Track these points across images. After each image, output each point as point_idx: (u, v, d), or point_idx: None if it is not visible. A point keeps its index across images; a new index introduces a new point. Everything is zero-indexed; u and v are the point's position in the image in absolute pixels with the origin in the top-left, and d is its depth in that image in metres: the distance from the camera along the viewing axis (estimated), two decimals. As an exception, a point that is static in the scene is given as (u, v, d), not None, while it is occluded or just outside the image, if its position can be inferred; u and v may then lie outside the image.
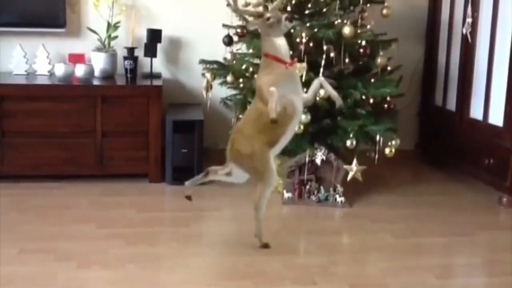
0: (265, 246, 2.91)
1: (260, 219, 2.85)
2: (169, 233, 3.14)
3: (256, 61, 3.53)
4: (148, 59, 4.10)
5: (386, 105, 3.53)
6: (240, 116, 3.26)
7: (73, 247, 2.86)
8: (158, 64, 4.23)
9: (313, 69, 3.42)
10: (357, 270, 2.77)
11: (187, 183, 2.93)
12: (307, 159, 3.48)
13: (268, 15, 2.76)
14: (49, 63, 4.06)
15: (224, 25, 3.67)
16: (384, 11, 3.59)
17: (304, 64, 2.85)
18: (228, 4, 2.95)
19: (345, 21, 3.46)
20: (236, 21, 3.61)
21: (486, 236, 3.21)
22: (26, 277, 2.55)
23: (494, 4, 3.66)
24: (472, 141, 3.88)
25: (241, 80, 3.59)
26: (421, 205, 3.65)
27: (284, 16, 2.79)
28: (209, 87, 3.72)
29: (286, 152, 3.57)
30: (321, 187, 3.56)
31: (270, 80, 2.75)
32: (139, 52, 4.09)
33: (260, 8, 3.59)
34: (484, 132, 3.76)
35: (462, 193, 3.90)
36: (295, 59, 2.85)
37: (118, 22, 4.05)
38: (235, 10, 2.94)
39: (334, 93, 2.97)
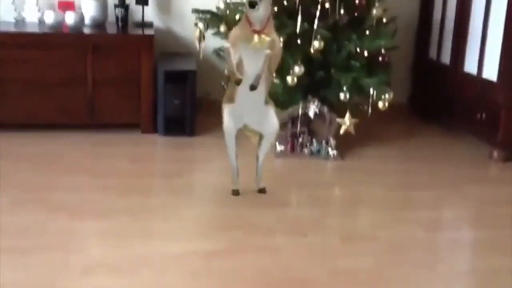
0: (261, 191, 2.98)
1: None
2: (162, 184, 3.14)
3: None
4: (140, 7, 4.02)
5: (380, 58, 3.50)
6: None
7: (65, 197, 2.87)
8: (150, 13, 4.15)
9: (307, 19, 3.37)
10: (348, 223, 2.80)
11: None
12: (300, 112, 3.47)
13: None
14: (38, 11, 3.98)
15: None
16: (381, -39, 3.52)
17: (268, 39, 2.67)
18: None
19: (341, -29, 3.39)
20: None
21: (476, 189, 3.25)
22: (18, 228, 2.56)
23: (492, -45, 3.60)
24: (465, 95, 3.87)
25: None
26: (412, 158, 3.67)
27: None
28: (201, 37, 3.66)
29: (279, 105, 3.56)
30: (314, 140, 3.56)
31: (236, 34, 2.74)
32: (131, 1, 4.01)
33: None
34: (477, 86, 3.75)
35: (454, 147, 3.92)
36: (266, 31, 2.70)
37: (109, -31, 3.96)
38: None
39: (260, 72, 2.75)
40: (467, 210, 3.02)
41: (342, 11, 3.47)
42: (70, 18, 3.77)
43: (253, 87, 2.70)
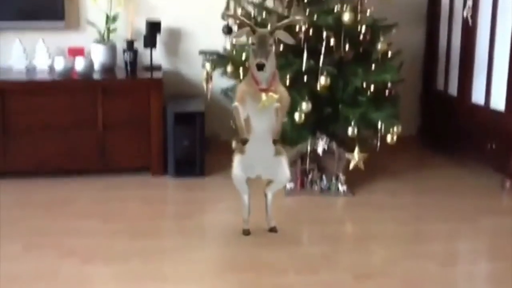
0: (272, 230, 2.98)
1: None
2: (173, 226, 3.15)
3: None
4: (148, 51, 4.08)
5: (387, 92, 3.51)
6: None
7: (76, 242, 2.87)
8: (158, 56, 4.21)
9: (313, 56, 3.40)
10: (360, 259, 2.78)
11: None
12: (308, 149, 3.48)
13: (271, 42, 2.71)
14: (48, 58, 4.05)
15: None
16: (384, -4, 3.56)
17: (276, 96, 2.71)
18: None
19: (344, 7, 3.43)
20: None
21: (489, 221, 3.21)
22: (30, 274, 2.57)
23: (494, -14, 3.63)
24: (474, 126, 3.86)
25: (241, 70, 3.57)
26: (423, 191, 3.64)
27: (262, 57, 2.67)
28: (209, 78, 3.70)
29: (288, 142, 3.57)
30: (324, 176, 3.55)
31: (243, 91, 2.77)
32: (139, 44, 4.07)
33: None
34: (486, 116, 3.74)
35: (465, 178, 3.89)
36: (272, 89, 2.73)
37: (117, 14, 4.03)
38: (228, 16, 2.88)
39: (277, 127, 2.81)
40: (481, 242, 2.98)
41: (347, 47, 3.49)
42: (79, 64, 3.83)
43: (274, 142, 2.79)
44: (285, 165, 2.89)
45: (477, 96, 3.83)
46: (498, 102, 3.62)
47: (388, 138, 3.45)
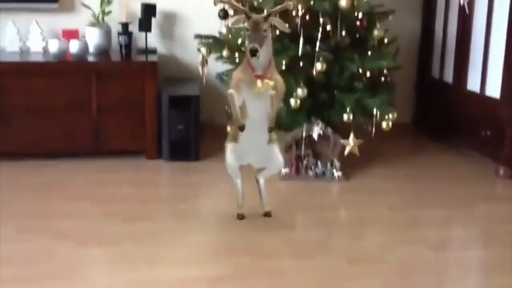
0: (267, 214, 2.98)
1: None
2: (167, 209, 3.14)
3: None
4: (143, 34, 4.06)
5: (383, 78, 3.50)
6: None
7: (70, 225, 2.86)
8: (153, 39, 4.19)
9: (309, 42, 3.39)
10: (354, 244, 2.78)
11: None
12: (304, 134, 3.47)
13: (264, 27, 2.66)
14: (42, 40, 4.02)
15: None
16: (381, -18, 3.55)
17: (271, 83, 2.68)
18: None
19: (341, -8, 3.41)
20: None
21: (483, 207, 3.22)
22: (23, 256, 2.55)
23: (492, -26, 3.62)
24: (469, 113, 3.87)
25: (237, 54, 3.55)
26: (418, 177, 3.65)
27: (255, 42, 2.63)
28: (204, 62, 3.69)
29: (283, 127, 3.56)
30: (318, 162, 3.55)
31: (238, 78, 2.75)
32: (134, 27, 4.05)
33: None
34: (481, 104, 3.75)
35: (459, 165, 3.90)
36: (268, 76, 2.70)
37: (112, -3, 4.00)
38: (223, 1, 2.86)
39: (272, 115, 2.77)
40: (475, 228, 2.99)
41: (343, 33, 3.48)
42: (74, 46, 3.81)
43: (270, 129, 2.77)
44: (277, 153, 2.87)
45: (473, 84, 3.84)
46: (494, 90, 3.63)
47: (383, 124, 3.45)
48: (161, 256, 2.61)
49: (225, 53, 3.58)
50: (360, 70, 3.46)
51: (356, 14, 3.44)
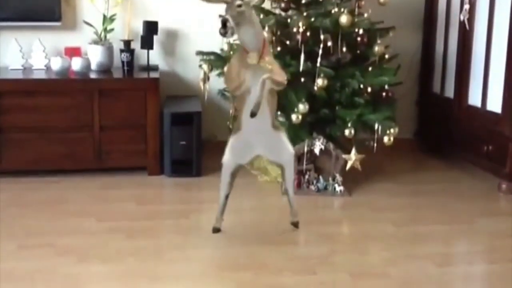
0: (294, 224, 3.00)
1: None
2: (169, 225, 3.13)
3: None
4: (145, 51, 4.08)
5: (384, 94, 3.52)
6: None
7: (72, 241, 2.86)
8: (155, 56, 4.21)
9: (311, 58, 3.41)
10: (357, 259, 2.77)
11: None
12: (305, 149, 3.48)
13: (238, 2, 2.62)
14: (45, 57, 4.04)
15: (221, 16, 3.64)
16: (381, -1, 3.58)
17: (270, 67, 2.66)
18: None
19: (342, 9, 3.44)
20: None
21: (486, 223, 3.21)
22: (26, 273, 2.55)
23: (491, -10, 3.65)
24: (471, 128, 3.87)
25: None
26: (420, 193, 3.64)
27: (227, 15, 2.61)
28: (206, 78, 3.70)
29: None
30: (320, 177, 3.56)
31: (235, 65, 2.75)
32: (136, 45, 4.07)
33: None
34: (482, 119, 3.76)
35: (462, 180, 3.90)
36: (266, 58, 2.68)
37: (114, 15, 4.03)
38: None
39: (258, 98, 2.69)
40: (478, 244, 2.98)
41: (344, 49, 3.51)
42: (76, 64, 3.83)
43: (253, 114, 2.67)
44: (285, 141, 2.85)
45: (474, 99, 3.85)
46: (495, 105, 3.64)
47: (385, 140, 3.46)
48: (163, 272, 2.60)
49: (226, 69, 3.60)
50: (361, 86, 3.47)
51: (356, 30, 3.46)
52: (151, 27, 4.04)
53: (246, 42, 2.69)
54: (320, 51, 3.41)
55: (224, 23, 2.58)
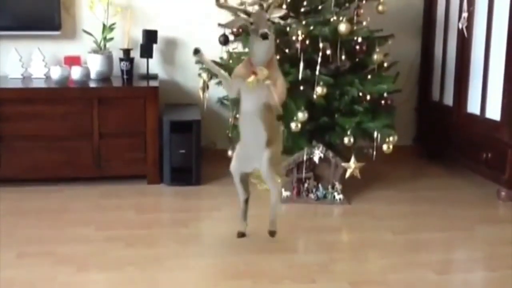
0: (271, 233, 2.99)
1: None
2: (168, 234, 3.13)
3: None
4: (144, 60, 4.09)
5: (383, 102, 3.52)
6: (237, 115, 3.26)
7: (72, 250, 2.86)
8: (155, 65, 4.22)
9: (309, 66, 3.42)
10: (357, 268, 2.77)
11: None
12: (305, 157, 3.48)
13: (251, 20, 2.70)
14: (44, 66, 4.05)
15: (220, 25, 3.65)
16: (380, 8, 3.59)
17: (266, 72, 2.67)
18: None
19: (340, 18, 3.45)
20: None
21: (486, 230, 3.21)
22: (25, 281, 2.55)
23: (489, -2, 3.66)
24: (470, 136, 3.88)
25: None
26: (420, 200, 3.64)
27: (264, 28, 2.65)
28: (205, 87, 3.70)
29: (284, 150, 3.57)
30: (320, 185, 3.56)
31: (239, 68, 2.82)
32: (135, 53, 4.08)
33: (256, 7, 3.59)
34: (481, 126, 3.76)
35: (461, 187, 3.90)
36: (258, 71, 2.70)
37: (113, 24, 4.04)
38: (220, 5, 2.88)
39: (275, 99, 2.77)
40: (477, 251, 2.98)
41: (343, 57, 3.51)
42: (76, 73, 3.84)
43: (279, 117, 2.80)
44: (265, 158, 2.83)
45: (473, 106, 3.85)
46: (494, 112, 3.64)
47: (384, 147, 3.46)
48: (163, 280, 2.60)
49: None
50: (361, 94, 3.48)
51: (355, 38, 3.47)
52: (150, 36, 4.05)
53: (256, 54, 2.73)
54: (319, 59, 3.41)
55: (266, 35, 2.65)
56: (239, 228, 2.99)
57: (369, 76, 3.54)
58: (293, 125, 3.39)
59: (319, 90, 3.39)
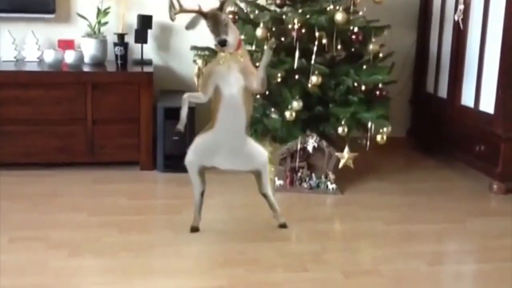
0: (283, 226, 2.98)
1: None
2: (161, 220, 3.13)
3: (248, 47, 3.50)
4: (139, 45, 4.07)
5: (378, 92, 3.52)
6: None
7: (64, 235, 2.85)
8: (149, 51, 4.20)
9: (305, 55, 3.41)
10: (349, 257, 2.78)
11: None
12: (298, 146, 3.48)
13: (223, 17, 2.70)
14: (38, 50, 4.02)
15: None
16: (377, -3, 3.58)
17: (240, 52, 2.72)
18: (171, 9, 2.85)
19: (337, 7, 3.45)
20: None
21: (477, 222, 3.23)
22: (17, 266, 2.54)
23: (486, -9, 3.66)
24: (463, 128, 3.89)
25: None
26: (412, 192, 3.66)
27: (220, 35, 2.68)
28: (200, 73, 3.69)
29: (278, 139, 3.57)
30: (313, 174, 3.56)
31: (207, 71, 2.85)
32: (130, 39, 4.06)
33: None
34: (475, 119, 3.77)
35: (454, 180, 3.92)
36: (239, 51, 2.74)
37: (108, 8, 4.01)
38: (176, 13, 2.85)
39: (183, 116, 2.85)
40: (469, 243, 3.00)
41: (339, 47, 3.51)
42: (69, 57, 3.81)
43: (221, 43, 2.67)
44: (257, 145, 2.84)
45: (467, 99, 3.86)
46: (487, 105, 3.65)
47: (378, 138, 3.46)
48: (155, 267, 2.59)
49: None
50: (356, 84, 3.47)
51: (351, 28, 3.46)
52: (145, 21, 4.02)
53: (229, 41, 2.71)
54: (315, 49, 3.41)
55: (224, 43, 2.68)
56: (192, 222, 2.93)
57: (364, 66, 3.54)
58: (287, 114, 3.38)
59: (314, 79, 3.38)
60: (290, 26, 3.40)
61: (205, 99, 2.84)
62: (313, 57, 3.40)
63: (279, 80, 3.37)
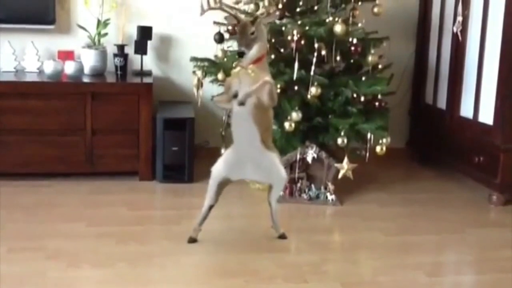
0: (282, 236, 2.97)
1: None
2: (160, 231, 3.12)
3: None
4: (139, 56, 4.08)
5: (377, 103, 3.53)
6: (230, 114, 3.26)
7: (63, 245, 2.84)
8: (149, 62, 4.21)
9: (304, 66, 3.42)
10: (348, 268, 2.77)
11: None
12: (298, 157, 3.48)
13: (252, 29, 2.67)
14: (38, 60, 4.03)
15: (215, 23, 3.65)
16: (376, 9, 3.60)
17: (251, 67, 2.69)
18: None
19: (336, 19, 3.46)
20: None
21: (477, 233, 3.23)
22: (15, 276, 2.53)
23: (484, 2, 3.67)
24: (462, 139, 3.89)
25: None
26: (411, 203, 3.65)
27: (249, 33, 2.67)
28: (200, 84, 3.70)
29: (277, 150, 3.57)
30: (312, 185, 3.56)
31: (228, 81, 2.84)
32: (129, 50, 4.07)
33: (251, 6, 3.59)
34: (474, 130, 3.78)
35: (453, 191, 3.92)
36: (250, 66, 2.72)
37: (108, 19, 4.02)
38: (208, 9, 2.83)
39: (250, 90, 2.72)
40: (468, 254, 2.99)
41: (338, 58, 3.52)
42: (69, 67, 3.82)
43: (240, 103, 2.68)
44: (278, 163, 2.83)
45: (466, 110, 3.87)
46: (486, 116, 3.66)
47: (378, 149, 3.46)
48: (154, 277, 2.58)
49: (220, 76, 3.60)
50: (355, 95, 3.48)
51: (350, 39, 3.47)
52: (145, 32, 4.04)
53: (249, 54, 2.71)
54: (314, 60, 3.42)
55: (242, 55, 2.69)
56: (192, 233, 2.91)
57: (363, 78, 3.54)
58: (287, 125, 3.38)
59: (313, 90, 3.39)
60: (289, 38, 3.40)
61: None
62: (313, 68, 3.41)
63: (278, 91, 3.37)
